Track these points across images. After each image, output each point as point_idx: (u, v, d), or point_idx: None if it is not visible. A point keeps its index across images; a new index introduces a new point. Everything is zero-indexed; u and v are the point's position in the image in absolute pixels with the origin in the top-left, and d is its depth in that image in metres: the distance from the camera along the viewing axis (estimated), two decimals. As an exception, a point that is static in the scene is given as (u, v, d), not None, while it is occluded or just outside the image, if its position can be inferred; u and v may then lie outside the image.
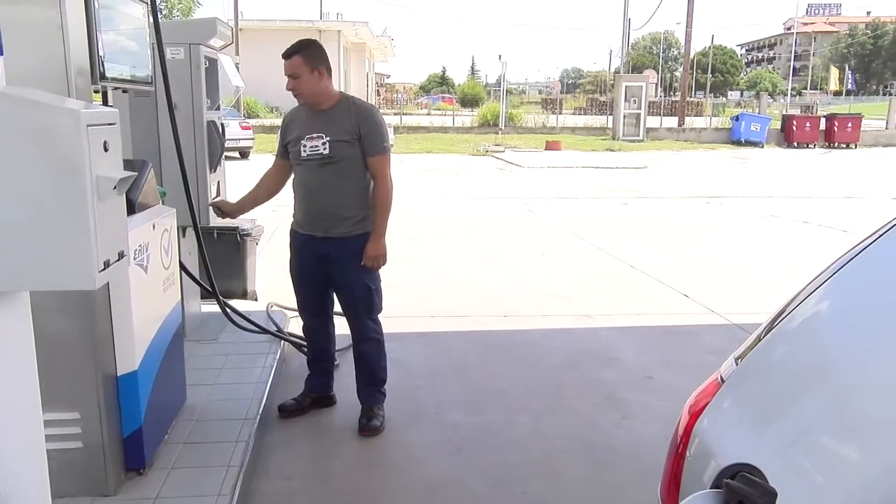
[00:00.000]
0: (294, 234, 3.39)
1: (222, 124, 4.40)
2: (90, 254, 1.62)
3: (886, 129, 28.29)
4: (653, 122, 27.33)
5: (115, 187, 1.78)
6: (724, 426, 1.25)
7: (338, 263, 3.27)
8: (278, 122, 26.75)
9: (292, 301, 5.25)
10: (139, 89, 3.02)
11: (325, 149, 3.14)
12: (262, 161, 18.90)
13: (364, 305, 3.36)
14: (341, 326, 3.56)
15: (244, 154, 18.80)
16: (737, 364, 1.34)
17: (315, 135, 3.15)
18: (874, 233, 1.27)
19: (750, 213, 10.44)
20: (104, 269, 1.78)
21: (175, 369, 3.08)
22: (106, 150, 1.84)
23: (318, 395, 3.56)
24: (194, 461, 2.78)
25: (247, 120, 20.88)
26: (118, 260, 1.87)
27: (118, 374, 2.54)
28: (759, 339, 1.33)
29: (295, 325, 4.87)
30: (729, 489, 0.96)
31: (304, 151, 3.17)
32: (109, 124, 1.90)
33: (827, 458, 1.01)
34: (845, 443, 1.00)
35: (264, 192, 3.54)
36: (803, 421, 1.10)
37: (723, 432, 1.24)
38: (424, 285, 6.09)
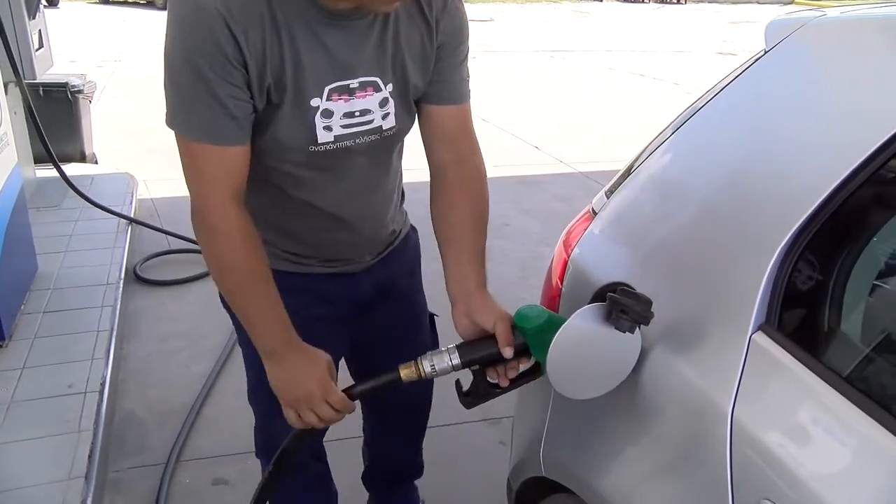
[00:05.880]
0: (293, 280, 1.37)
1: (37, -38, 3.87)
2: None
3: (712, -16, 29.69)
4: (497, -28, 26.88)
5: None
6: (597, 251, 1.40)
7: (395, 285, 1.63)
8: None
9: (137, 166, 4.94)
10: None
11: (383, 114, 1.28)
12: (75, 10, 16.85)
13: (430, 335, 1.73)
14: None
15: (52, 1, 16.60)
16: (607, 198, 1.47)
17: (370, 79, 1.22)
18: (715, 86, 1.39)
19: (591, 67, 10.82)
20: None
21: (22, 236, 2.87)
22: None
23: None
24: (59, 329, 2.68)
25: (50, -40, 18.24)
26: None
27: (-40, 244, 2.35)
28: (626, 175, 1.47)
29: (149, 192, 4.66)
30: (612, 300, 1.07)
31: (343, 123, 1.23)
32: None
33: (686, 268, 1.18)
34: (697, 252, 1.17)
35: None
36: (664, 240, 1.27)
37: (596, 256, 1.39)
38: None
